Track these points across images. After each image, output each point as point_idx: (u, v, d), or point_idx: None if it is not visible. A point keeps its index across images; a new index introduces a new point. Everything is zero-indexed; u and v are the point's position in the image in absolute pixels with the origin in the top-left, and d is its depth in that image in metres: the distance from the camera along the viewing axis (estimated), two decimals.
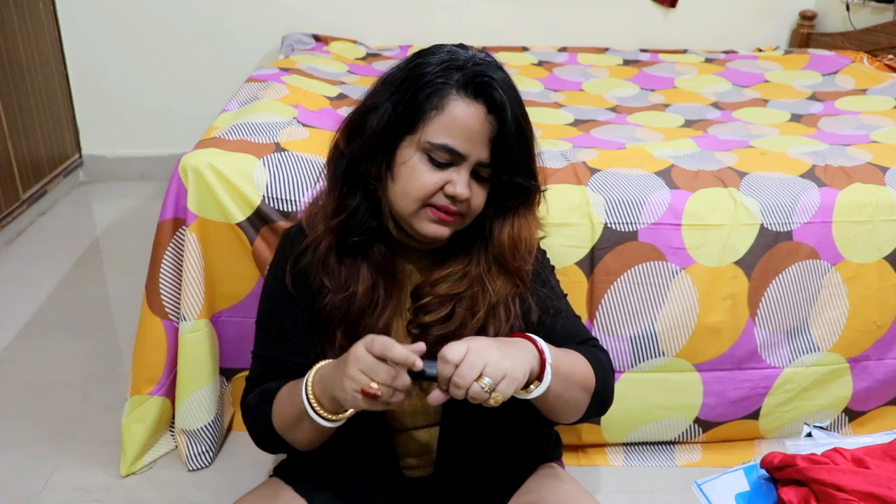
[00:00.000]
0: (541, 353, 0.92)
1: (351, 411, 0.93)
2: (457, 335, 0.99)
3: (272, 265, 1.13)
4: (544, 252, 1.16)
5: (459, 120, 0.95)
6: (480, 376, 0.84)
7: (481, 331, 1.02)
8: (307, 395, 0.94)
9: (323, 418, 0.94)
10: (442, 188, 0.97)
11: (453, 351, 0.85)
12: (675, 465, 1.76)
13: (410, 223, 1.00)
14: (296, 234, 1.11)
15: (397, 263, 1.07)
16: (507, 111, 0.95)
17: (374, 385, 0.84)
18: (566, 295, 1.15)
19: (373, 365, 0.85)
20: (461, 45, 1.01)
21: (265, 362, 1.12)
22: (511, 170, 0.99)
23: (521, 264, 1.04)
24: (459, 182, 0.97)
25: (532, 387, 0.91)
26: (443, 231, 1.00)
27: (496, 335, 1.01)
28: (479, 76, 0.95)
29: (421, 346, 0.88)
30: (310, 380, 0.95)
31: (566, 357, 0.97)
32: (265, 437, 1.07)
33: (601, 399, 1.04)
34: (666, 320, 1.64)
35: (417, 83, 0.96)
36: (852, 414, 1.80)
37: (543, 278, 1.11)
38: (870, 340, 1.72)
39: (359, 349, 0.86)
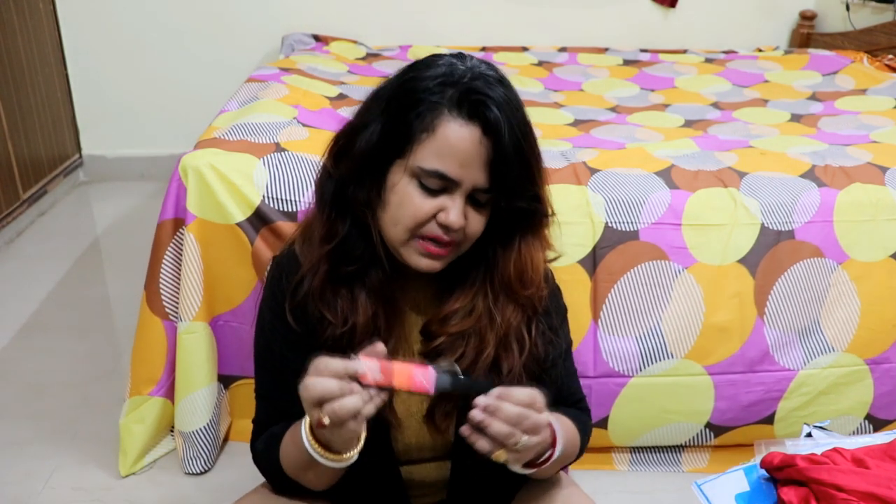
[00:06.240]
0: (554, 445, 0.93)
1: (357, 449, 0.88)
2: (471, 371, 0.96)
3: (266, 297, 1.04)
4: (558, 291, 1.09)
5: (452, 143, 0.87)
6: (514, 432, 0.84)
7: (494, 366, 0.97)
8: (307, 439, 0.88)
9: (330, 459, 0.88)
10: (434, 216, 0.90)
11: (520, 393, 0.85)
12: (682, 472, 1.74)
13: (400, 253, 0.94)
14: (288, 262, 1.01)
15: (396, 289, 0.99)
16: (503, 133, 0.86)
17: (326, 420, 0.80)
18: (570, 344, 1.10)
19: (315, 384, 0.81)
20: (460, 55, 0.92)
21: (269, 403, 1.06)
22: (511, 195, 0.91)
23: (533, 292, 0.99)
24: (453, 210, 0.89)
25: (525, 468, 0.91)
26: (435, 265, 0.94)
27: (510, 370, 0.98)
28: (475, 93, 0.87)
29: (378, 345, 0.84)
30: (306, 423, 0.89)
31: (568, 441, 0.97)
32: (279, 482, 1.02)
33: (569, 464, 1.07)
34: (672, 319, 1.63)
35: (408, 101, 0.89)
36: (877, 423, 1.74)
37: (554, 323, 1.05)
38: (887, 341, 1.69)
39: (304, 381, 0.82)
